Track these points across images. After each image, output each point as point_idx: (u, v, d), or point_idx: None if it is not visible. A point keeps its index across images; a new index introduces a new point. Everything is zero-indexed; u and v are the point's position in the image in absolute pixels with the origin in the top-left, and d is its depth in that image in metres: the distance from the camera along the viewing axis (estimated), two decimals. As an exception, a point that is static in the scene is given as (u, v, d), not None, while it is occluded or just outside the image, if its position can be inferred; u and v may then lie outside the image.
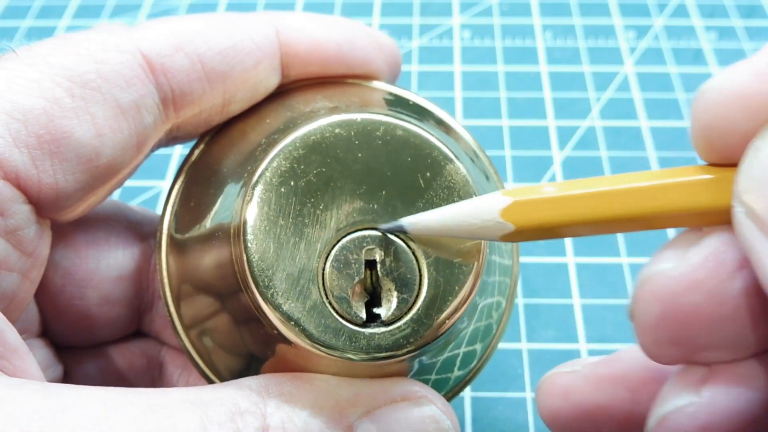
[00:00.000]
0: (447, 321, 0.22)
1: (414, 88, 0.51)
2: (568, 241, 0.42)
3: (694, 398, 0.19)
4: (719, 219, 0.18)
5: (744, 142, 0.18)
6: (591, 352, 0.37)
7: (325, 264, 0.22)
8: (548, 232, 0.20)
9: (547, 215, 0.19)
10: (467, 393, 0.36)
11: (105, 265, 0.27)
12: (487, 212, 0.20)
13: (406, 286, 0.22)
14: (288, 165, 0.22)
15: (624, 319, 0.38)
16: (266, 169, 0.22)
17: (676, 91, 0.50)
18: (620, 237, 0.42)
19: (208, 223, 0.24)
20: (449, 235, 0.21)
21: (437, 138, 0.23)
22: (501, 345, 0.37)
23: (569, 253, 0.41)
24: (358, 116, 0.22)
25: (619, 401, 0.23)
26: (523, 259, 0.41)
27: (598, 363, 0.24)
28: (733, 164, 0.18)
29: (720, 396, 0.19)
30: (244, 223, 0.21)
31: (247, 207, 0.21)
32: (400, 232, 0.22)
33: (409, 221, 0.21)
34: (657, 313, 0.19)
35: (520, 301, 0.39)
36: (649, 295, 0.19)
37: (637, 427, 0.23)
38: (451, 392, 0.26)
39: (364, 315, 0.21)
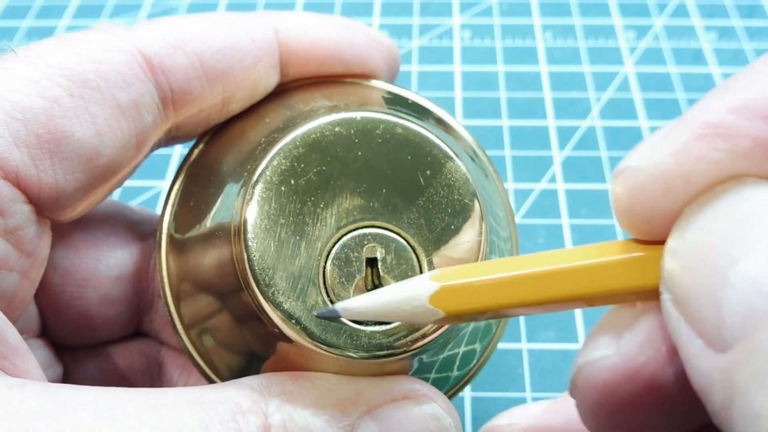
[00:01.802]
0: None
1: (414, 88, 0.51)
2: (568, 241, 0.42)
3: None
4: (653, 296, 0.18)
5: (669, 221, 0.17)
6: (592, 352, 0.37)
7: (325, 262, 0.22)
8: (480, 315, 0.20)
9: (476, 300, 0.19)
10: (467, 393, 0.36)
11: (104, 265, 0.27)
12: (416, 299, 0.20)
13: None
14: (288, 164, 0.22)
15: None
16: (266, 167, 0.22)
17: (676, 91, 0.50)
18: (620, 236, 0.42)
19: (208, 222, 0.24)
20: (384, 319, 0.21)
21: (437, 136, 0.23)
22: (501, 345, 0.37)
23: (569, 253, 0.41)
24: (357, 114, 0.22)
25: None
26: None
27: (538, 416, 0.24)
28: (661, 241, 0.17)
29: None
30: (245, 222, 0.21)
31: (248, 206, 0.21)
32: (334, 317, 0.21)
33: (342, 306, 0.21)
34: (595, 402, 0.19)
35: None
36: (585, 384, 0.19)
37: None
38: (450, 391, 0.26)
39: (365, 313, 0.21)
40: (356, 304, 0.21)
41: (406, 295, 0.20)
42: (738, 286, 0.15)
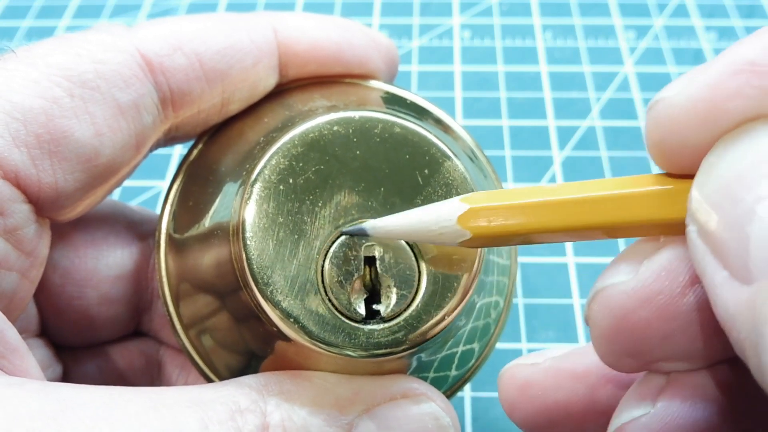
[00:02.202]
0: (445, 318, 0.22)
1: (414, 88, 0.51)
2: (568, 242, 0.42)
3: (649, 409, 0.19)
4: (677, 230, 0.18)
5: (699, 154, 0.17)
6: (591, 352, 0.37)
7: (324, 261, 0.22)
8: (504, 239, 0.20)
9: (503, 223, 0.19)
10: (467, 393, 0.36)
11: (104, 265, 0.28)
12: (445, 219, 0.20)
13: (405, 283, 0.22)
14: (286, 163, 0.22)
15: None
16: (265, 167, 0.22)
17: (676, 91, 0.50)
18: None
19: (207, 221, 0.24)
20: (410, 239, 0.21)
21: (435, 135, 0.23)
22: (501, 345, 0.37)
23: (569, 253, 0.41)
24: (356, 114, 0.22)
25: (578, 398, 0.23)
26: (523, 259, 0.41)
27: (560, 357, 0.24)
28: (690, 175, 0.18)
29: (673, 407, 0.19)
30: (243, 221, 0.21)
31: (246, 205, 0.21)
32: (362, 234, 0.21)
33: (371, 225, 0.21)
34: (610, 326, 0.19)
35: (520, 301, 0.39)
36: (601, 308, 0.19)
37: (594, 424, 0.23)
38: (449, 390, 0.26)
39: (363, 311, 0.21)
40: (384, 222, 0.21)
41: (435, 215, 0.20)
42: (766, 220, 0.15)
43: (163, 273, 0.25)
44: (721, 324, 0.16)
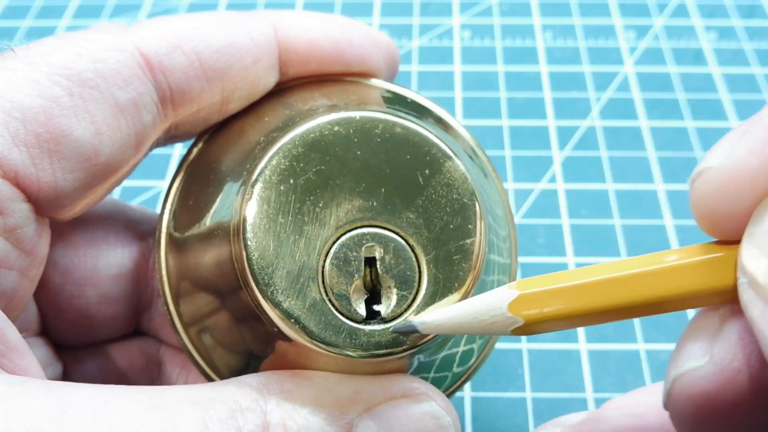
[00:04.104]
0: (446, 318, 0.22)
1: (414, 88, 0.51)
2: (568, 241, 0.42)
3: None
4: (732, 296, 0.18)
5: (748, 219, 0.17)
6: (590, 352, 0.37)
7: (324, 261, 0.22)
8: (559, 323, 0.19)
9: (556, 307, 0.19)
10: (467, 392, 0.36)
11: (104, 264, 0.27)
12: (495, 308, 0.20)
13: (405, 284, 0.22)
14: (287, 163, 0.22)
15: (623, 322, 0.38)
16: (265, 167, 0.22)
17: (676, 91, 0.50)
18: (620, 236, 0.42)
19: (208, 221, 0.24)
20: (462, 332, 0.21)
21: (436, 135, 0.23)
22: (501, 345, 0.37)
23: (569, 254, 0.41)
24: (357, 114, 0.22)
25: None
26: (523, 260, 0.41)
27: (580, 425, 0.24)
28: (738, 241, 0.18)
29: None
30: (244, 220, 0.21)
31: (247, 205, 0.21)
32: (412, 332, 0.21)
33: (420, 321, 0.21)
34: (692, 413, 0.18)
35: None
36: (681, 396, 0.19)
37: None
38: (449, 390, 0.26)
39: (363, 312, 0.21)
40: (434, 317, 0.21)
41: (485, 304, 0.20)
42: None
43: (164, 272, 0.25)
44: None
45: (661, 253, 0.19)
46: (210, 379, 0.25)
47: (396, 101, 0.27)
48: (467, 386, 0.28)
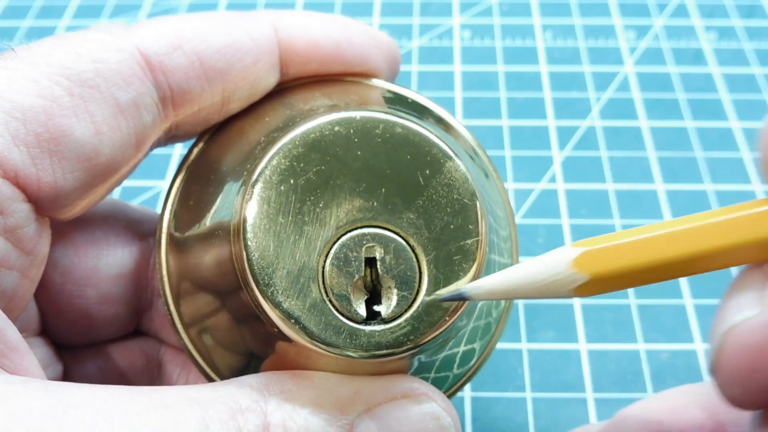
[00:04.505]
0: (446, 319, 0.22)
1: (414, 88, 0.51)
2: (568, 241, 0.42)
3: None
4: None
5: None
6: (590, 352, 0.37)
7: (325, 262, 0.22)
8: (622, 280, 0.19)
9: (621, 261, 0.19)
10: (467, 392, 0.36)
11: (104, 264, 0.27)
12: (557, 266, 0.20)
13: (406, 284, 0.22)
14: (288, 163, 0.22)
15: (623, 319, 0.38)
16: (266, 167, 0.22)
17: (676, 91, 0.50)
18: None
19: (208, 221, 0.24)
20: (514, 297, 0.21)
21: (436, 135, 0.23)
22: (501, 345, 0.37)
23: (569, 253, 0.41)
24: (357, 114, 0.22)
25: None
26: (523, 259, 0.41)
27: None
28: None
29: None
30: (244, 220, 0.21)
31: (247, 205, 0.21)
32: (460, 299, 0.21)
33: (470, 287, 0.21)
34: (747, 366, 0.18)
35: (520, 300, 0.39)
36: (735, 348, 0.18)
37: None
38: (450, 390, 0.26)
39: (364, 312, 0.21)
40: (486, 283, 0.21)
41: (543, 264, 0.20)
42: None
43: (164, 271, 0.25)
44: None
45: (722, 208, 0.19)
46: (210, 380, 0.25)
47: (397, 101, 0.27)
48: (467, 386, 0.28)
